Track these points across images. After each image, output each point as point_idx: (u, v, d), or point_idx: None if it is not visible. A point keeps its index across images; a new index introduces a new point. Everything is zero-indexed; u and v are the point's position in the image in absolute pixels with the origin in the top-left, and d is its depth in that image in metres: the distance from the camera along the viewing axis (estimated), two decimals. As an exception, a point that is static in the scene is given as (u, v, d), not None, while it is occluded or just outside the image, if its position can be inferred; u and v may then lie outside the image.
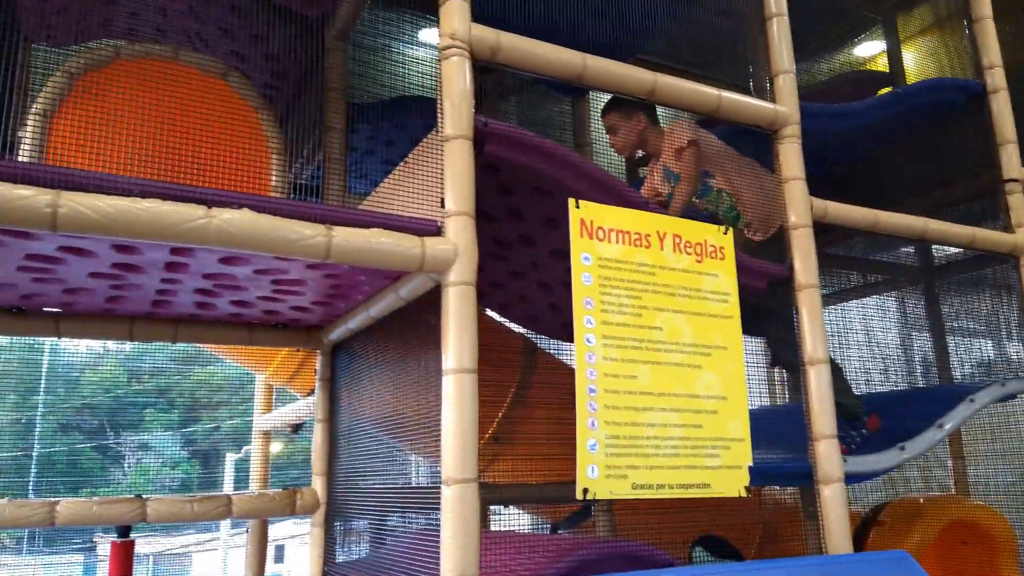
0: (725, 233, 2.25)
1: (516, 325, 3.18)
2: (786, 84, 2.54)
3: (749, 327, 2.31)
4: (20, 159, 2.30)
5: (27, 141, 2.30)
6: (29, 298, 2.22)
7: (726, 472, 2.14)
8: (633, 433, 1.98)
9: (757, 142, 2.63)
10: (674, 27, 3.06)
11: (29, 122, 2.32)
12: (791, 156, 2.48)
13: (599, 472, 1.92)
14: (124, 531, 2.71)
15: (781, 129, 2.50)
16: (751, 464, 2.18)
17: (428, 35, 3.42)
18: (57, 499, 2.30)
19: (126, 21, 2.93)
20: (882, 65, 4.25)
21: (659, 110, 2.97)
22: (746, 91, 2.68)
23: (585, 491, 1.90)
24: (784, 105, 2.51)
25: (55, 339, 2.43)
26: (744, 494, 2.17)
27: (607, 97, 3.32)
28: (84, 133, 2.19)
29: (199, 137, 2.28)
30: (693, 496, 2.08)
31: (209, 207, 1.61)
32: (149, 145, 2.22)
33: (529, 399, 3.09)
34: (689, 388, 2.10)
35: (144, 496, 2.35)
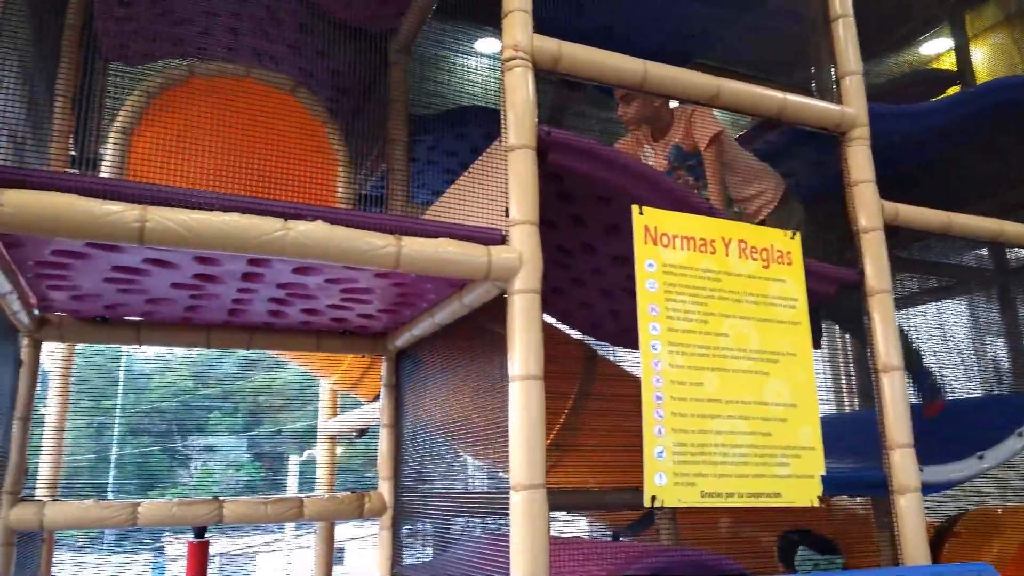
0: (792, 238, 2.21)
1: (577, 332, 3.18)
2: (853, 85, 2.48)
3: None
4: (102, 175, 2.42)
5: (108, 157, 2.41)
6: (113, 308, 2.32)
7: (797, 481, 2.10)
8: (701, 441, 1.96)
9: (823, 145, 2.58)
10: (733, 31, 3.04)
11: (110, 139, 2.44)
12: (860, 159, 2.43)
13: (667, 479, 1.91)
14: (200, 532, 2.81)
15: (849, 132, 2.45)
16: (823, 473, 2.14)
17: (485, 45, 3.46)
18: (139, 500, 2.40)
19: (197, 41, 3.06)
20: (949, 63, 4.12)
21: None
22: (808, 93, 2.63)
23: (653, 498, 1.89)
24: (852, 107, 2.46)
25: (135, 347, 2.54)
26: (816, 503, 2.13)
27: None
28: (162, 149, 2.29)
29: (271, 151, 2.36)
30: (763, 505, 2.05)
31: (285, 220, 1.67)
32: (223, 159, 2.31)
33: (589, 407, 3.09)
34: (757, 395, 2.07)
35: (220, 498, 2.44)
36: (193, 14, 2.89)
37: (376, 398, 3.49)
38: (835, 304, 2.57)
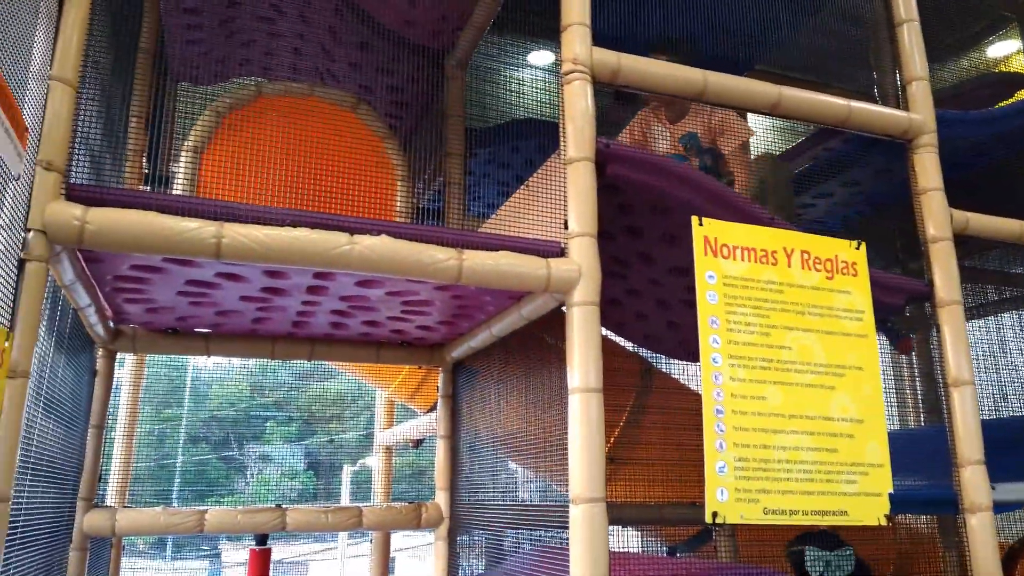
0: (857, 248, 2.17)
1: (632, 343, 3.16)
2: (920, 91, 2.43)
3: None
4: (175, 192, 2.52)
5: (180, 175, 2.50)
6: (184, 320, 2.41)
7: (864, 499, 2.04)
8: (764, 456, 1.93)
9: (889, 152, 2.52)
10: (793, 36, 3.00)
11: (182, 157, 2.53)
12: (928, 166, 2.37)
13: (728, 495, 1.88)
14: (262, 539, 2.88)
15: (916, 138, 2.39)
16: (891, 491, 2.08)
17: (539, 57, 3.49)
18: (206, 508, 2.47)
19: (262, 61, 3.16)
20: (1018, 66, 3.98)
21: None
22: (870, 98, 2.58)
23: (715, 514, 1.87)
24: (919, 113, 2.40)
25: (204, 357, 2.63)
26: (884, 522, 2.07)
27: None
28: (232, 166, 2.37)
29: (334, 167, 2.42)
30: (829, 524, 2.00)
31: (352, 234, 1.71)
32: (289, 175, 2.37)
33: (644, 421, 3.07)
34: (822, 410, 2.02)
35: (284, 506, 2.49)
36: (259, 35, 3.00)
37: (432, 409, 3.53)
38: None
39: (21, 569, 1.71)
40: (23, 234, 1.49)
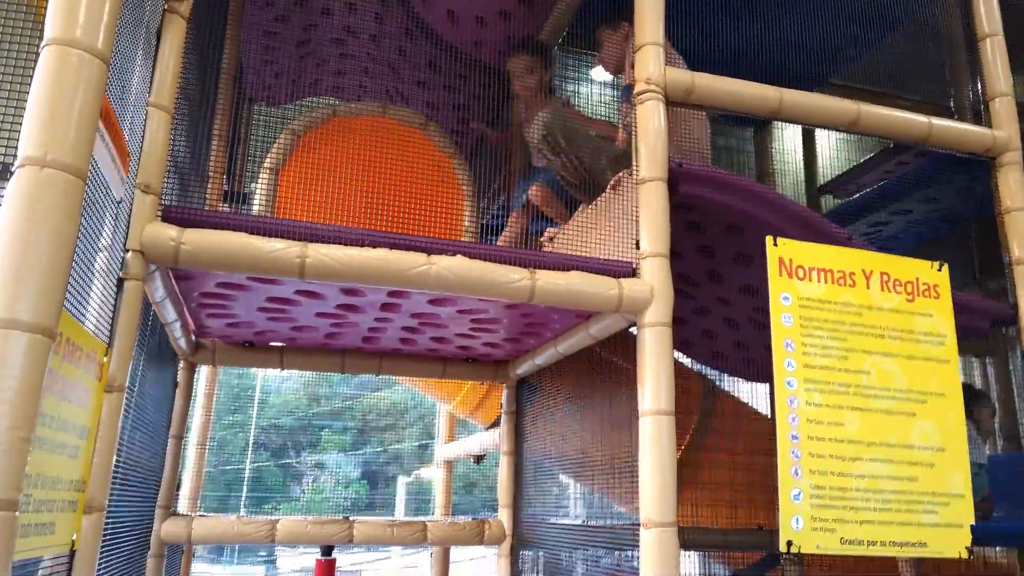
0: (939, 270, 2.10)
1: (697, 362, 3.13)
2: (1004, 108, 2.35)
3: None
4: (254, 211, 2.60)
5: (259, 194, 2.59)
6: (261, 334, 2.48)
7: (945, 531, 1.97)
8: (841, 484, 1.88)
9: (970, 170, 2.44)
10: (868, 50, 2.93)
11: (261, 177, 2.62)
12: (1012, 184, 2.29)
13: (804, 524, 1.84)
14: (327, 550, 2.92)
15: (1000, 156, 2.31)
16: (973, 523, 2.00)
17: (601, 72, 3.49)
18: (277, 517, 2.53)
19: (333, 80, 3.25)
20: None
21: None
22: (948, 113, 2.51)
23: (789, 543, 1.83)
24: (1003, 130, 2.32)
25: (277, 370, 2.70)
26: (965, 555, 1.99)
27: (794, 127, 3.22)
28: (308, 185, 2.43)
29: (405, 185, 2.47)
30: (908, 555, 1.94)
31: (429, 254, 1.74)
32: (363, 194, 2.43)
33: (708, 443, 3.02)
34: (902, 438, 1.96)
35: (351, 518, 2.53)
36: (331, 56, 3.09)
37: (493, 424, 3.55)
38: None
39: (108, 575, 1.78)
40: (122, 254, 1.57)
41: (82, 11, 1.26)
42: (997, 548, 2.95)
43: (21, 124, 1.21)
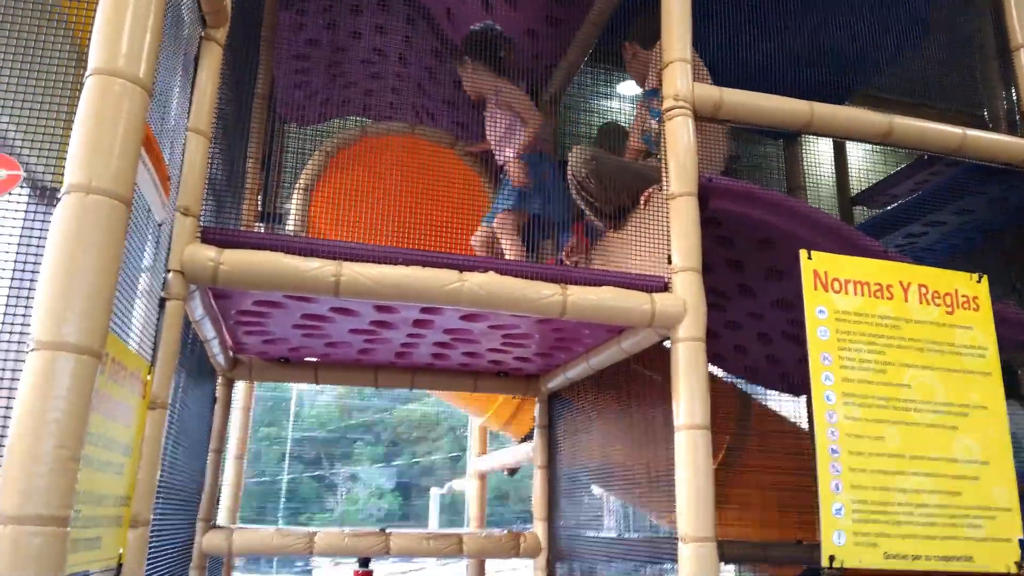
0: (979, 282, 2.06)
1: (731, 375, 3.10)
2: (1042, 115, 2.30)
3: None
4: (288, 229, 2.65)
5: (293, 214, 2.64)
6: (296, 350, 2.52)
7: (992, 545, 1.93)
8: (883, 499, 1.85)
9: (1004, 180, 2.40)
10: (896, 61, 2.90)
11: (294, 197, 2.67)
12: (1053, 193, 2.24)
13: (846, 539, 1.81)
14: (364, 561, 2.94)
15: (1038, 165, 2.27)
16: (1022, 537, 1.95)
17: (628, 87, 3.49)
18: (315, 530, 2.55)
19: (363, 100, 3.29)
20: None
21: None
22: (982, 124, 2.47)
23: (832, 558, 1.80)
24: (1041, 138, 2.28)
25: (312, 385, 2.74)
26: (1014, 570, 1.95)
27: (823, 140, 3.19)
28: (341, 204, 2.47)
29: (435, 203, 2.49)
30: (954, 570, 1.89)
31: (460, 271, 1.76)
32: (393, 213, 2.46)
33: (742, 459, 2.99)
34: (944, 451, 1.92)
35: (387, 531, 2.55)
36: (360, 77, 3.14)
37: (526, 438, 3.55)
38: None
39: (152, 588, 1.82)
40: (163, 275, 1.61)
41: (124, 41, 1.30)
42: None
43: (67, 151, 1.26)
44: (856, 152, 3.55)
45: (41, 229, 1.28)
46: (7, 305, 1.21)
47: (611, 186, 2.24)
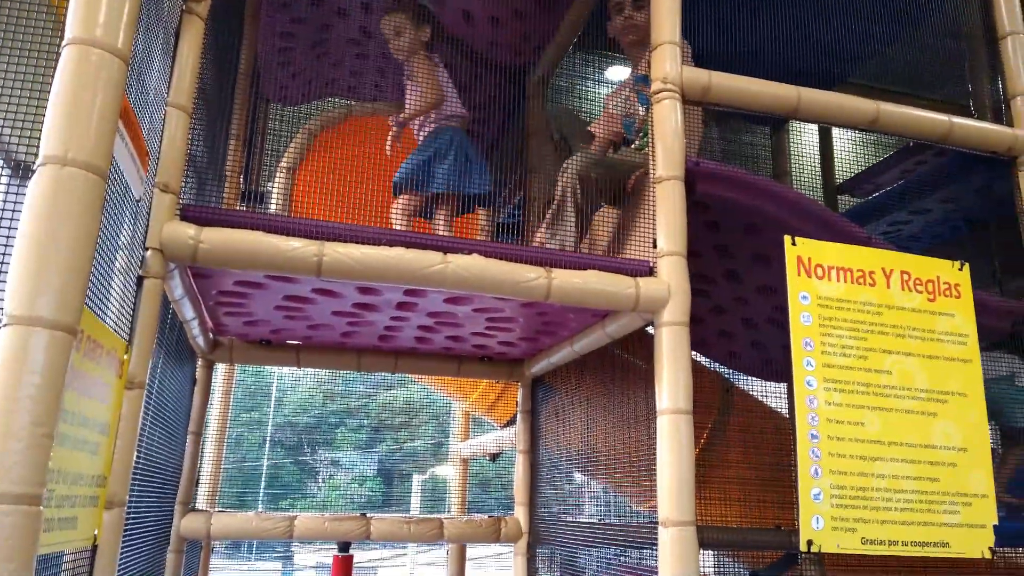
0: (960, 269, 2.08)
1: (713, 361, 3.11)
2: (1025, 105, 2.32)
3: None
4: (271, 209, 2.62)
5: (276, 194, 2.60)
6: (277, 332, 2.49)
7: (967, 531, 1.95)
8: (861, 484, 1.86)
9: (990, 169, 2.41)
10: (885, 49, 2.90)
11: (278, 176, 2.63)
12: (1035, 183, 2.26)
13: (825, 523, 1.83)
14: (344, 546, 2.94)
15: (1021, 155, 2.28)
16: (996, 523, 1.97)
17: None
18: (295, 514, 2.54)
19: (348, 81, 3.25)
20: None
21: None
22: (968, 112, 2.48)
23: (810, 543, 1.81)
24: (1024, 128, 2.29)
25: (294, 368, 2.71)
26: (988, 555, 1.97)
27: (810, 126, 3.19)
28: (323, 184, 2.44)
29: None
30: (929, 555, 1.92)
31: (444, 253, 1.74)
32: (377, 193, 2.43)
33: (724, 441, 3.00)
34: (923, 438, 1.94)
35: (368, 515, 2.54)
36: (346, 57, 3.09)
37: (509, 423, 3.55)
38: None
39: (128, 571, 1.80)
40: (141, 253, 1.58)
41: (102, 11, 1.27)
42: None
43: (42, 124, 1.22)
44: (842, 141, 3.56)
45: (15, 203, 1.25)
46: (-21, 279, 1.18)
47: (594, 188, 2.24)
